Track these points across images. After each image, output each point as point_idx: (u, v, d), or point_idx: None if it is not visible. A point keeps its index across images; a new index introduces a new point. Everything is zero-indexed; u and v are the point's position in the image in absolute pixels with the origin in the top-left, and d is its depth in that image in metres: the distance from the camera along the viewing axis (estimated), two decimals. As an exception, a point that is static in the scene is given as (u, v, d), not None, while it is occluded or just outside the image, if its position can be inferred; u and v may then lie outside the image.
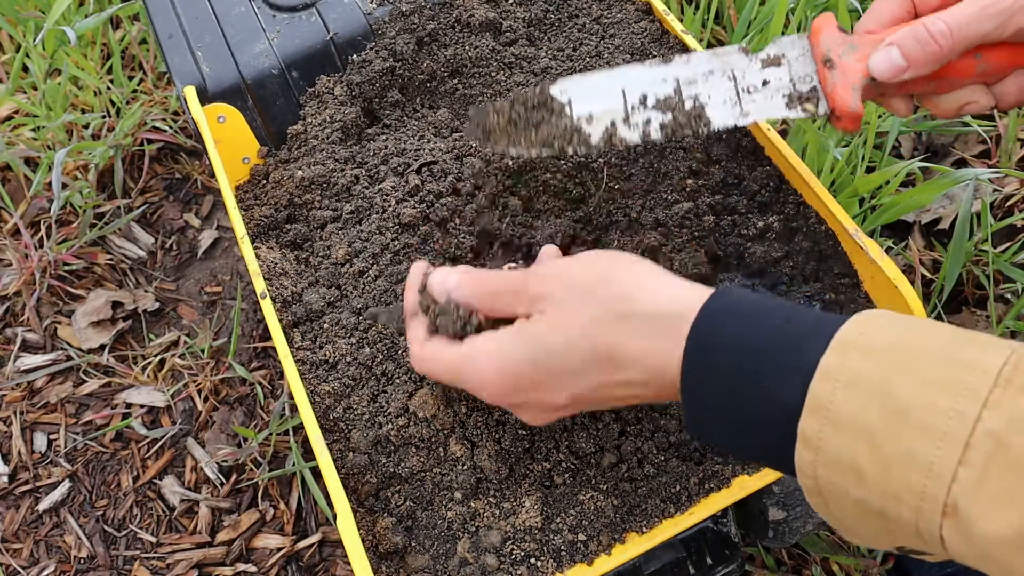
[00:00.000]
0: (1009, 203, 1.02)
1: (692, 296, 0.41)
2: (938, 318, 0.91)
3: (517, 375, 0.44)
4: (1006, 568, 0.30)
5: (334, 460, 0.51)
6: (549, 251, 0.53)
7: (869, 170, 0.99)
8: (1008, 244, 0.95)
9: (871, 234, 0.94)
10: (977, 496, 0.30)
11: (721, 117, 0.54)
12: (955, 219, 0.91)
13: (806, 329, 0.37)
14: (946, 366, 0.33)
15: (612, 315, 0.42)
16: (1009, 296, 0.94)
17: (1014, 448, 0.30)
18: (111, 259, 1.05)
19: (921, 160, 0.96)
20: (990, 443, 0.30)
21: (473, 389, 0.46)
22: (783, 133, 1.04)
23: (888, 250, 0.98)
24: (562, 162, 0.64)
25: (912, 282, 0.90)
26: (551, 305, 0.44)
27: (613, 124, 0.55)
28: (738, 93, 0.55)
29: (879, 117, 0.93)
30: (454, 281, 0.48)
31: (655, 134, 0.55)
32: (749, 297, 0.40)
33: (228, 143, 0.69)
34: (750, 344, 0.38)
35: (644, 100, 0.55)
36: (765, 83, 0.55)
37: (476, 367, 0.45)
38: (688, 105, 0.55)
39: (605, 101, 0.55)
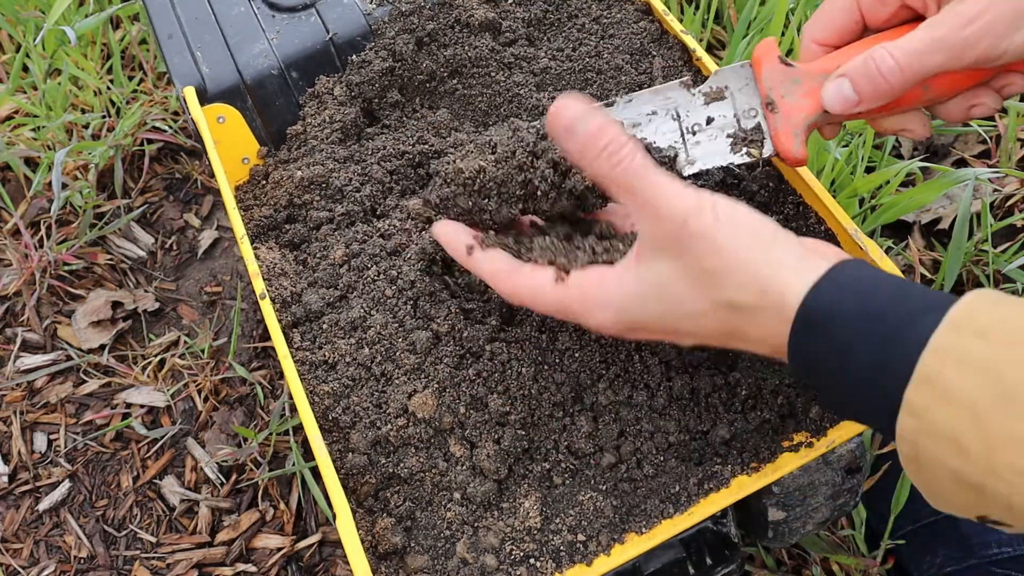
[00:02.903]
0: (1009, 203, 1.02)
1: (803, 280, 0.41)
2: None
3: (638, 323, 0.44)
4: None
5: (333, 460, 0.51)
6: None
7: (869, 170, 0.99)
8: (1008, 244, 0.95)
9: (871, 234, 0.94)
10: None
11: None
12: (955, 219, 0.91)
13: (919, 304, 0.38)
14: None
15: (748, 308, 0.42)
16: (1009, 296, 0.94)
17: None
18: (111, 259, 1.05)
19: (921, 160, 0.96)
20: None
21: (585, 325, 0.47)
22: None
23: (888, 250, 0.98)
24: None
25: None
26: (680, 261, 0.42)
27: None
28: (683, 134, 0.54)
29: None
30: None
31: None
32: (863, 272, 0.41)
33: (228, 143, 0.69)
34: (864, 314, 0.39)
35: None
36: (709, 120, 0.54)
37: (590, 308, 0.45)
38: None
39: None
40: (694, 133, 0.54)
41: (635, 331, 0.45)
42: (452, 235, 0.51)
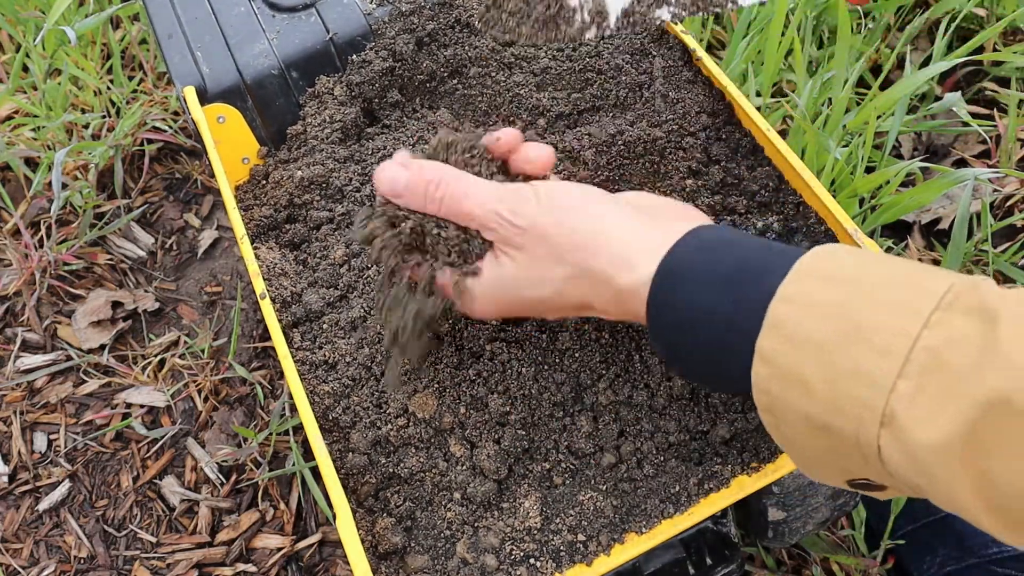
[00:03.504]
0: (1009, 203, 1.02)
1: (656, 253, 0.43)
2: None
3: (499, 306, 0.49)
4: (934, 474, 0.33)
5: (333, 460, 0.51)
6: (509, 136, 0.52)
7: (869, 170, 0.99)
8: (1008, 244, 0.95)
9: (871, 234, 0.94)
10: (912, 405, 0.33)
11: None
12: (955, 219, 0.91)
13: (770, 261, 0.39)
14: (898, 289, 0.35)
15: (584, 278, 0.45)
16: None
17: (948, 363, 0.32)
18: (111, 259, 1.05)
19: (921, 160, 0.96)
20: (926, 357, 0.33)
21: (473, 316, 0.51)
22: (783, 133, 1.04)
23: (888, 250, 0.98)
24: (558, 165, 0.64)
25: (912, 282, 0.90)
26: (523, 256, 0.46)
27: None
28: None
29: (879, 118, 0.93)
30: (403, 182, 0.49)
31: (666, 15, 0.56)
32: (712, 236, 0.43)
33: (228, 143, 0.69)
34: (713, 280, 0.40)
35: None
36: None
37: (472, 301, 0.49)
38: None
39: None
40: None
41: (503, 311, 0.49)
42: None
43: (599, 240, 0.45)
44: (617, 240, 0.44)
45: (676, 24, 0.63)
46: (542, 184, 0.48)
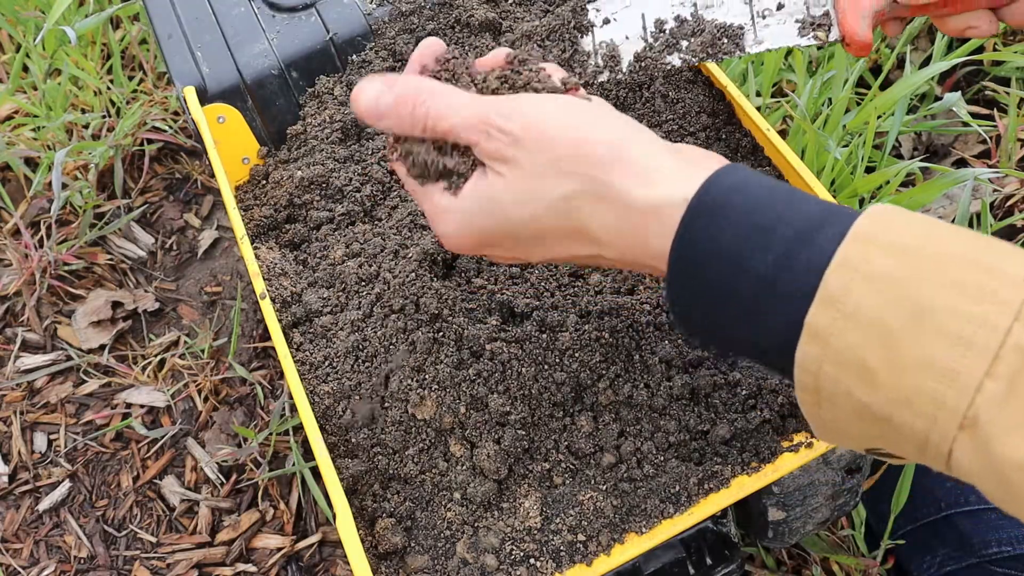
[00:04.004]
0: (1009, 203, 1.02)
1: (683, 180, 0.37)
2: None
3: (481, 236, 0.42)
4: (1018, 493, 0.29)
5: (333, 460, 0.51)
6: (498, 56, 0.46)
7: (869, 170, 0.99)
8: (1008, 244, 0.95)
9: (871, 234, 0.93)
10: (1002, 411, 0.29)
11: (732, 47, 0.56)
12: (955, 219, 0.91)
13: (817, 215, 0.34)
14: (970, 269, 0.30)
15: (588, 195, 0.38)
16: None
17: None
18: (111, 259, 1.05)
19: (921, 160, 0.96)
20: (1020, 358, 0.28)
21: (449, 248, 0.45)
22: (783, 133, 1.04)
23: (888, 250, 0.98)
24: None
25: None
26: (514, 169, 0.39)
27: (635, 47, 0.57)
28: (752, 17, 0.56)
29: (879, 118, 0.93)
30: (383, 104, 0.42)
31: (676, 62, 0.56)
32: (745, 179, 0.37)
33: (228, 143, 0.69)
34: (752, 228, 0.35)
35: (662, 27, 0.57)
36: (780, 6, 0.56)
37: (446, 223, 0.43)
38: (705, 31, 0.57)
39: (625, 25, 0.58)
40: (764, 17, 0.56)
41: (484, 245, 0.43)
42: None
43: (614, 149, 0.38)
44: (637, 153, 0.38)
45: (685, 68, 0.64)
46: (545, 94, 0.42)
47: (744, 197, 0.36)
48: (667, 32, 0.58)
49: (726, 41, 0.57)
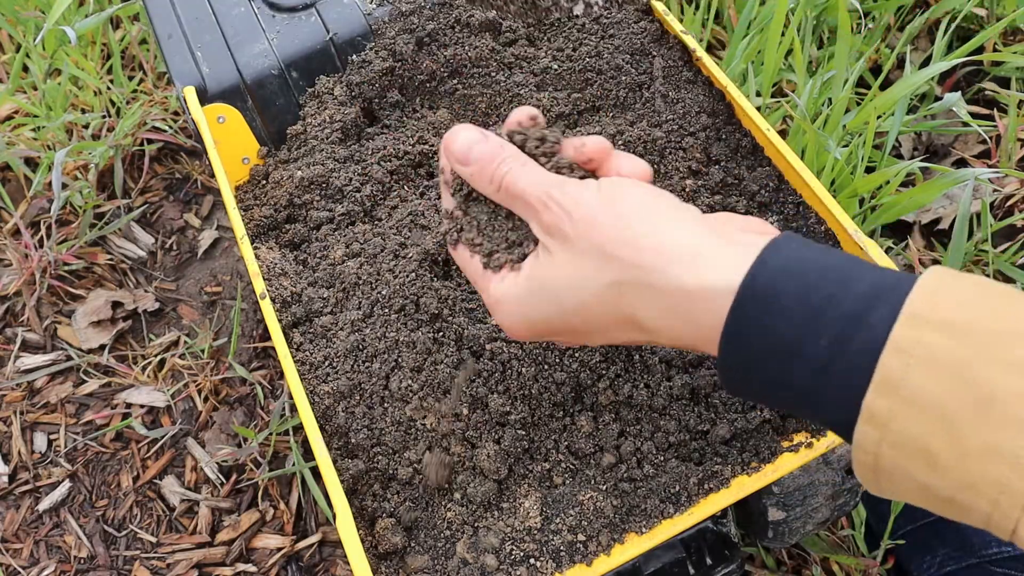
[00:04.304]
0: (1009, 203, 1.02)
1: (730, 266, 0.37)
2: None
3: (538, 325, 0.42)
4: None
5: (333, 460, 0.51)
6: (598, 145, 0.45)
7: (869, 170, 0.99)
8: (1008, 244, 0.95)
9: (871, 234, 0.94)
10: None
11: None
12: (955, 219, 0.91)
13: (869, 288, 0.34)
14: None
15: (633, 282, 0.38)
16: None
17: None
18: (111, 259, 1.05)
19: (921, 160, 0.96)
20: None
21: (509, 336, 0.46)
22: (783, 133, 1.04)
23: (888, 250, 0.98)
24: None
25: (912, 282, 0.90)
26: (564, 247, 0.40)
27: None
28: None
29: (879, 118, 0.93)
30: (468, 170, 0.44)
31: None
32: (792, 258, 0.36)
33: (228, 143, 0.69)
34: (804, 311, 0.34)
35: None
36: None
37: (504, 314, 0.44)
38: None
39: None
40: None
41: (544, 335, 0.44)
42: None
43: (658, 234, 0.38)
44: (681, 238, 0.38)
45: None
46: (609, 179, 0.42)
47: (793, 280, 0.35)
48: None
49: None
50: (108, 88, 1.11)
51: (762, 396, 0.38)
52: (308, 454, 0.89)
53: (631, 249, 0.38)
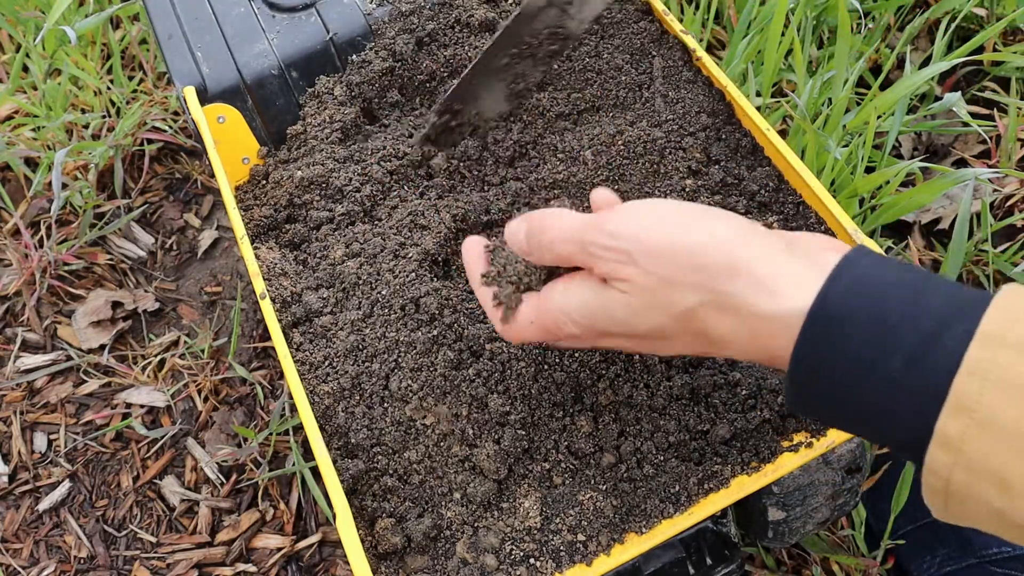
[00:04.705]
0: (1009, 203, 1.02)
1: (803, 285, 0.37)
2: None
3: (597, 329, 0.42)
4: None
5: (333, 460, 0.51)
6: (603, 197, 0.47)
7: (869, 170, 0.99)
8: (1008, 244, 0.95)
9: (871, 234, 0.94)
10: None
11: None
12: (955, 219, 0.91)
13: (942, 308, 0.33)
14: None
15: (711, 305, 0.38)
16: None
17: None
18: (111, 259, 1.05)
19: (921, 160, 0.96)
20: None
21: (560, 339, 0.45)
22: (783, 133, 1.04)
23: (888, 250, 0.98)
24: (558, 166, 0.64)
25: (912, 282, 0.90)
26: (633, 287, 0.40)
27: None
28: None
29: (879, 118, 0.93)
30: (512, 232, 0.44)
31: None
32: (866, 275, 0.36)
33: (228, 143, 0.69)
34: (877, 331, 0.34)
35: None
36: None
37: (553, 318, 0.43)
38: None
39: None
40: None
41: (605, 336, 0.43)
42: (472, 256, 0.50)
43: (730, 257, 0.38)
44: (754, 258, 0.38)
45: None
46: (627, 204, 0.42)
47: (866, 299, 0.35)
48: None
49: None
50: (108, 88, 1.11)
51: (830, 414, 0.37)
52: (308, 454, 0.89)
53: (707, 275, 0.38)
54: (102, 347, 0.99)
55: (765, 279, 0.37)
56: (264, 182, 0.69)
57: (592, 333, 0.43)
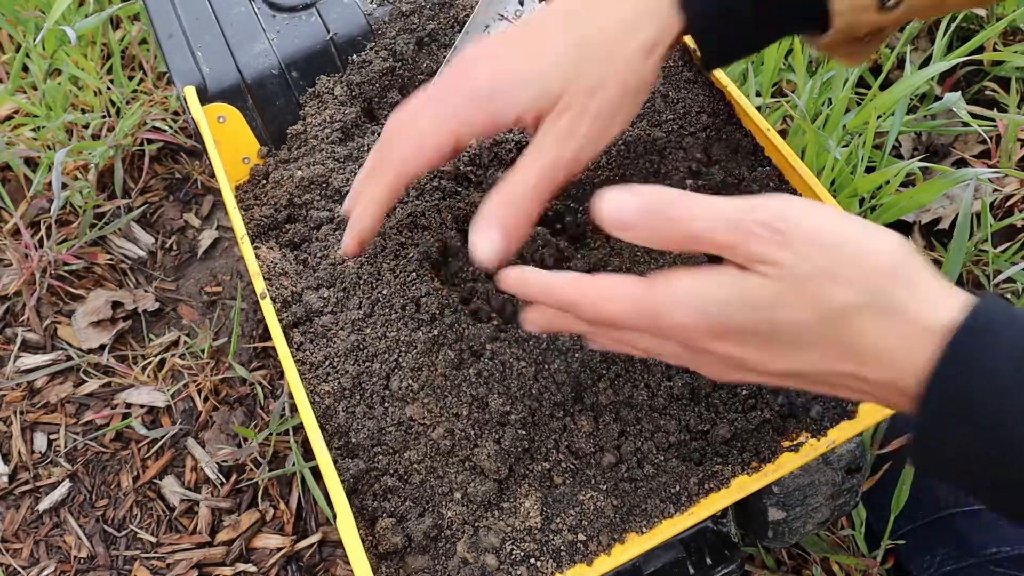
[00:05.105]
0: (1009, 203, 1.02)
1: (952, 303, 0.35)
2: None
3: (722, 326, 0.37)
4: None
5: (334, 460, 0.51)
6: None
7: (869, 170, 0.99)
8: (1008, 244, 0.95)
9: (871, 234, 0.93)
10: None
11: None
12: (955, 219, 0.91)
13: None
14: None
15: (872, 307, 0.35)
16: (1009, 296, 0.94)
17: None
18: (111, 259, 1.05)
19: (921, 160, 0.96)
20: None
21: (662, 328, 0.39)
22: (783, 133, 1.04)
23: (888, 250, 0.97)
24: None
25: (912, 282, 0.90)
26: (781, 271, 0.35)
27: None
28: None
29: (879, 118, 0.93)
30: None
31: None
32: (1004, 305, 0.34)
33: (228, 143, 0.69)
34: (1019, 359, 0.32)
35: None
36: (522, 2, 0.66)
37: (670, 302, 0.37)
38: None
39: None
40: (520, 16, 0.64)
41: (721, 336, 0.38)
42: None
43: (897, 263, 0.35)
44: (918, 269, 0.35)
45: None
46: (783, 197, 0.38)
47: (1007, 315, 0.34)
48: None
49: None
50: (108, 88, 1.11)
51: (967, 449, 0.34)
52: (308, 454, 0.89)
53: (874, 273, 0.35)
54: (102, 347, 0.99)
55: (930, 290, 0.35)
56: (264, 182, 0.69)
57: (704, 330, 0.38)
